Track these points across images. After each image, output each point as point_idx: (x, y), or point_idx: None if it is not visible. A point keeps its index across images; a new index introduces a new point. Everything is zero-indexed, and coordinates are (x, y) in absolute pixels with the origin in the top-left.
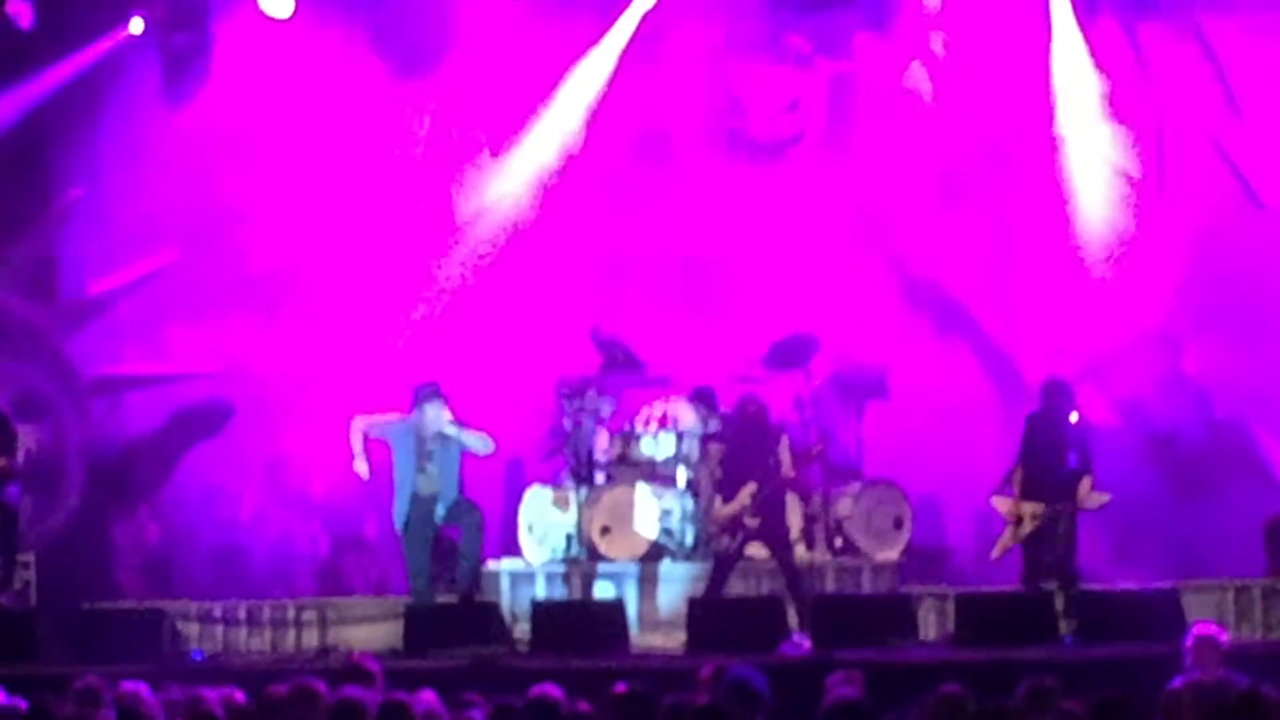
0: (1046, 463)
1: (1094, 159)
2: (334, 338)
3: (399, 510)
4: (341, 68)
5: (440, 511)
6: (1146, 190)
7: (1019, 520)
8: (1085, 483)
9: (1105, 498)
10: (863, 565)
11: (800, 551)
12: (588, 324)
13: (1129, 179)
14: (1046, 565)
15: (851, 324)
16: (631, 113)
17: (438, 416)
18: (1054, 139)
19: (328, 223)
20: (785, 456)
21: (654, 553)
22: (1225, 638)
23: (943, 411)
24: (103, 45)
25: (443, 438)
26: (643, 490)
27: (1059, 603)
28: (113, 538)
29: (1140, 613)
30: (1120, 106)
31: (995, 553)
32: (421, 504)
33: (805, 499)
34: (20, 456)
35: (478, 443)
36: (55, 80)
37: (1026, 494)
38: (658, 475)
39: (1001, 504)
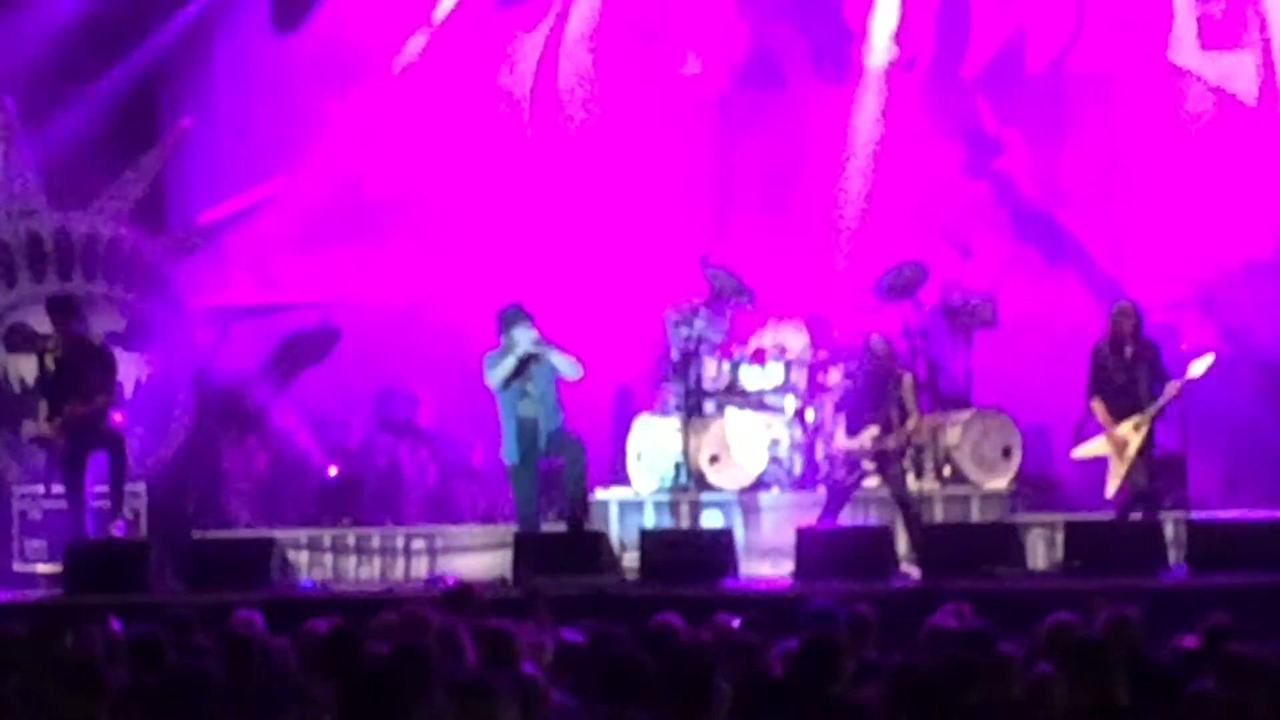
0: (1121, 385)
1: (1205, 85)
2: (442, 266)
3: (509, 442)
4: None
5: (542, 440)
6: (1258, 116)
7: (1123, 444)
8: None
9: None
10: (971, 494)
11: (909, 480)
12: (697, 252)
13: (1240, 105)
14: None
15: (960, 252)
16: (740, 38)
17: (526, 336)
18: (1164, 65)
19: (436, 151)
20: (909, 399)
21: (762, 482)
22: None
23: (1051, 340)
24: None
25: (534, 357)
26: (751, 419)
27: (1169, 531)
28: (222, 467)
29: (1250, 543)
30: (1232, 32)
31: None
32: (526, 429)
33: None
34: (128, 388)
35: (565, 364)
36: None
37: (1119, 417)
38: (766, 404)
39: (1090, 447)
